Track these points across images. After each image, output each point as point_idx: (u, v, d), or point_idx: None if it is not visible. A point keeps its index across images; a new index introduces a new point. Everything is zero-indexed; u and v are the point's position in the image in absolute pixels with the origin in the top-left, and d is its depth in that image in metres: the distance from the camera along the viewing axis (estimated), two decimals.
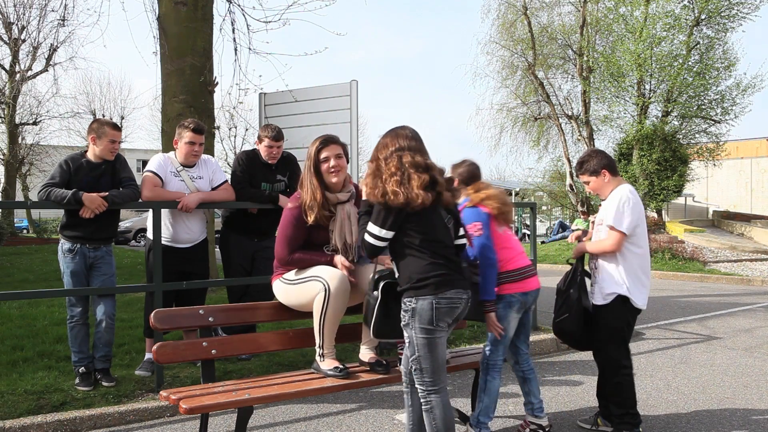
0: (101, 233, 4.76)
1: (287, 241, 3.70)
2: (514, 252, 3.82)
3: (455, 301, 3.07)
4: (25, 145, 28.05)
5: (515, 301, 3.75)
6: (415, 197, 2.99)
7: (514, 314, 3.78)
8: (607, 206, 3.93)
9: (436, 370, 3.10)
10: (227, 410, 4.29)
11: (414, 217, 3.05)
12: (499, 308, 3.74)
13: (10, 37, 23.54)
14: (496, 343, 3.81)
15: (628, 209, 3.84)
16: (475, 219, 3.68)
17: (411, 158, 3.11)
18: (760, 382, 5.40)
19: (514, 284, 3.75)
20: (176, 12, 7.92)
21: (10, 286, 9.66)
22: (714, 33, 19.54)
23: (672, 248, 15.37)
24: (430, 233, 3.08)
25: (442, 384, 3.14)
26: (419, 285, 3.04)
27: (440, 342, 3.09)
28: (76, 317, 4.72)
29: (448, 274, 3.07)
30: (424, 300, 3.03)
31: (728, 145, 21.91)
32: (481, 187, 3.86)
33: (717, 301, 10.21)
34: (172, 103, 7.94)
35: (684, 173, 20.00)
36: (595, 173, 4.00)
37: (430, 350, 3.07)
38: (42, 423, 4.03)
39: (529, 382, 3.98)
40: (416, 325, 3.06)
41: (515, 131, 26.82)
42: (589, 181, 4.04)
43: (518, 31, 24.87)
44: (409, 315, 3.07)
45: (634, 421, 3.93)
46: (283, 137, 5.41)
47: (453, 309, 3.08)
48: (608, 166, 4.00)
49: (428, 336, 3.05)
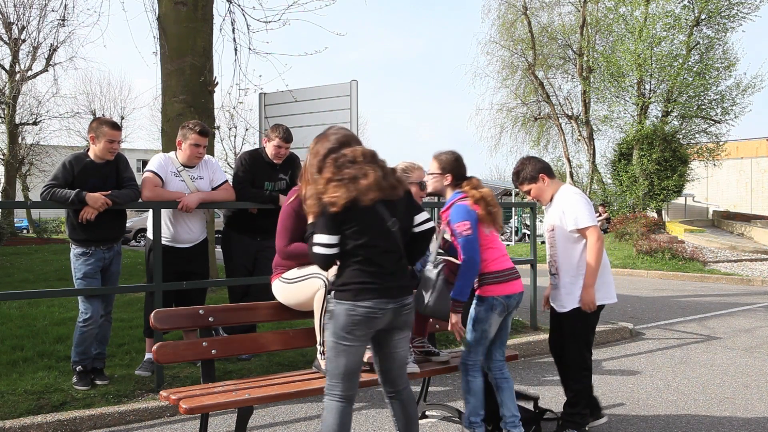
0: (113, 233, 4.78)
1: (287, 232, 3.69)
2: (498, 253, 3.73)
3: (374, 311, 2.89)
4: (25, 145, 28.06)
5: (498, 303, 3.65)
6: (356, 196, 2.85)
7: (495, 317, 3.67)
8: (560, 210, 3.88)
9: (337, 376, 2.97)
10: (227, 410, 4.29)
11: (350, 220, 2.88)
12: (481, 311, 3.66)
13: (10, 37, 23.55)
14: (476, 344, 3.70)
15: (585, 204, 3.86)
16: (464, 217, 3.58)
17: (344, 157, 2.97)
18: (760, 382, 5.41)
19: (497, 286, 3.66)
20: (176, 12, 7.92)
21: (10, 286, 9.66)
22: (714, 33, 19.56)
23: (672, 248, 15.36)
24: (363, 237, 2.89)
25: (343, 392, 2.98)
26: (340, 289, 2.94)
27: (349, 351, 2.93)
28: (90, 319, 4.67)
29: (372, 283, 2.90)
30: (341, 305, 2.91)
31: (728, 145, 21.92)
32: (477, 184, 3.76)
33: (717, 301, 10.21)
34: (172, 103, 7.94)
35: (684, 173, 20.01)
36: (533, 180, 3.97)
37: (335, 355, 2.95)
38: (42, 423, 4.03)
39: (502, 391, 3.79)
40: (330, 328, 2.96)
41: (515, 131, 26.88)
42: (530, 189, 4.00)
43: (518, 31, 24.91)
44: (327, 316, 2.99)
45: (582, 421, 3.94)
46: (292, 140, 5.41)
47: (370, 319, 2.90)
48: (544, 170, 3.98)
49: (337, 341, 2.94)
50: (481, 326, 3.67)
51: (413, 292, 3.16)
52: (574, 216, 3.82)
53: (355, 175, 2.89)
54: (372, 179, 2.90)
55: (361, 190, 2.87)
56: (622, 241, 17.29)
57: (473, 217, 3.60)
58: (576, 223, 3.81)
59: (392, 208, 2.98)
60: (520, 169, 4.03)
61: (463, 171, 3.84)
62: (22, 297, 7.11)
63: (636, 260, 15.31)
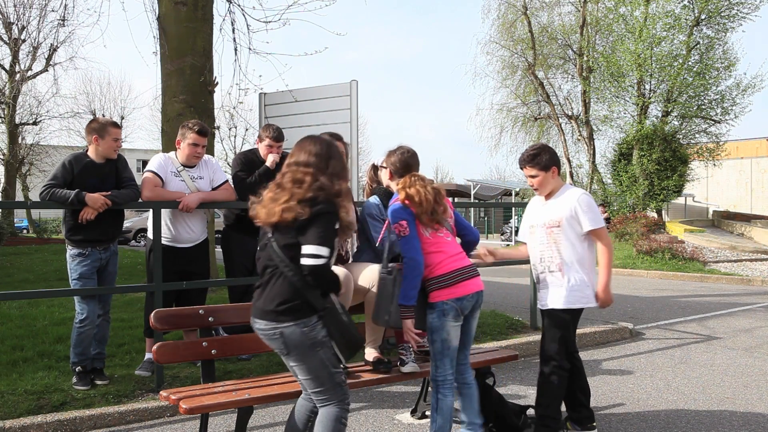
0: (109, 233, 4.77)
1: None
2: (443, 256, 3.45)
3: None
4: (25, 145, 28.06)
5: (449, 308, 3.40)
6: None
7: (451, 323, 3.42)
8: (569, 209, 3.85)
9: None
10: (227, 410, 4.29)
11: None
12: (434, 319, 3.43)
13: (10, 37, 23.54)
14: (441, 356, 3.46)
15: (596, 206, 3.89)
16: (400, 217, 3.41)
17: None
18: (760, 382, 5.41)
19: (444, 290, 3.41)
20: (176, 12, 7.92)
21: (10, 286, 9.66)
22: (714, 33, 19.57)
23: (672, 248, 15.37)
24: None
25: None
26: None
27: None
28: (87, 320, 4.67)
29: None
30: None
31: (728, 145, 21.93)
32: (410, 182, 3.50)
33: (717, 301, 10.21)
34: (172, 103, 7.94)
35: (684, 173, 20.03)
36: (545, 168, 3.89)
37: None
38: (42, 423, 4.03)
39: (462, 397, 3.60)
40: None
41: (515, 131, 26.88)
42: (537, 175, 3.90)
43: (518, 31, 24.92)
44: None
45: (555, 426, 3.86)
46: (283, 138, 5.41)
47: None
48: (557, 164, 3.95)
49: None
50: (439, 336, 3.44)
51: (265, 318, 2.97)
52: (590, 216, 3.82)
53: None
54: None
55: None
56: (622, 241, 17.29)
57: (410, 215, 3.41)
58: (593, 223, 3.81)
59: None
60: (536, 153, 3.91)
61: (405, 167, 3.62)
62: (22, 297, 7.11)
63: (636, 260, 15.31)
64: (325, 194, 2.89)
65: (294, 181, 2.92)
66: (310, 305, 2.88)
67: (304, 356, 2.91)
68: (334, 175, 2.98)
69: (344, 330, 2.93)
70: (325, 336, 2.92)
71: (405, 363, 3.85)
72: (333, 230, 2.90)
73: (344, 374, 3.11)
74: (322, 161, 2.98)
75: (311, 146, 3.02)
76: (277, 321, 2.87)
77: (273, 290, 2.90)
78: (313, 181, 2.91)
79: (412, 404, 4.64)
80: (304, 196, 2.87)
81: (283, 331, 2.87)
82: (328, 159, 3.00)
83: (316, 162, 2.97)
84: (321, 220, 2.85)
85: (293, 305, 2.86)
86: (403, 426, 4.32)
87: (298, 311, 2.87)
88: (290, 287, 2.86)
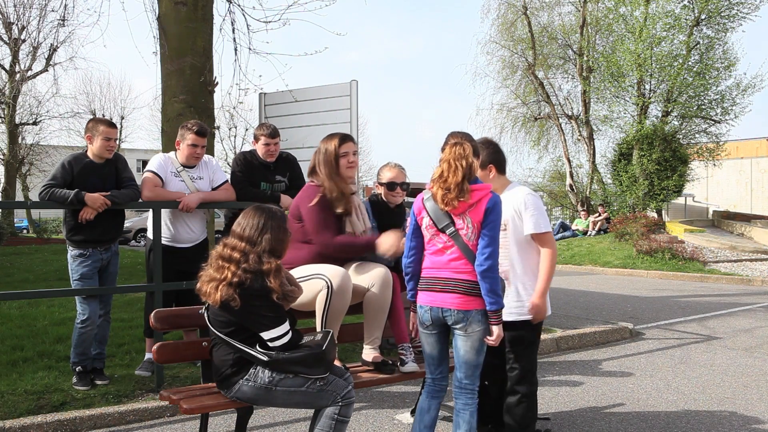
0: (110, 234, 4.77)
1: (327, 225, 3.76)
2: (427, 260, 3.28)
3: None
4: (25, 145, 28.02)
5: (420, 310, 3.26)
6: None
7: (422, 328, 3.28)
8: (513, 210, 3.49)
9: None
10: (227, 410, 4.29)
11: None
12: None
13: (10, 37, 23.51)
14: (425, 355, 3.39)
15: (543, 208, 3.51)
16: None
17: None
18: (760, 382, 5.41)
19: (419, 293, 3.29)
20: (176, 12, 7.92)
21: (10, 286, 9.66)
22: (714, 33, 19.54)
23: (672, 248, 15.37)
24: None
25: None
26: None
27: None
28: (88, 320, 4.67)
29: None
30: None
31: (728, 145, 21.90)
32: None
33: (717, 301, 10.21)
34: (172, 103, 7.93)
35: (684, 173, 20.00)
36: (481, 166, 3.43)
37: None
38: (42, 423, 4.03)
39: (454, 421, 3.33)
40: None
41: (515, 131, 26.86)
42: None
43: (518, 31, 24.90)
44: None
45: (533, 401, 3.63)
46: (278, 134, 5.42)
47: None
48: (496, 162, 3.56)
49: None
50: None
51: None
52: (534, 219, 3.47)
53: None
54: None
55: None
56: (622, 241, 17.29)
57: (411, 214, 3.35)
58: (537, 227, 3.47)
59: None
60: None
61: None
62: (22, 297, 7.11)
63: (636, 260, 15.31)
64: (252, 277, 2.92)
65: (224, 259, 2.99)
66: (245, 360, 3.05)
67: (270, 401, 3.08)
68: (267, 252, 2.98)
69: (300, 360, 3.00)
70: (272, 375, 3.02)
71: (405, 363, 3.86)
72: (274, 307, 2.97)
73: (331, 376, 3.15)
74: (255, 234, 2.99)
75: (247, 218, 3.06)
76: (229, 388, 3.08)
77: (216, 361, 3.13)
78: (241, 261, 2.94)
79: (412, 404, 4.64)
80: (231, 279, 2.91)
81: (236, 396, 3.07)
82: (261, 233, 3.00)
83: (249, 236, 2.99)
84: (256, 304, 2.93)
85: (232, 370, 3.06)
86: (403, 426, 4.32)
87: (238, 370, 3.06)
88: (225, 353, 3.07)
